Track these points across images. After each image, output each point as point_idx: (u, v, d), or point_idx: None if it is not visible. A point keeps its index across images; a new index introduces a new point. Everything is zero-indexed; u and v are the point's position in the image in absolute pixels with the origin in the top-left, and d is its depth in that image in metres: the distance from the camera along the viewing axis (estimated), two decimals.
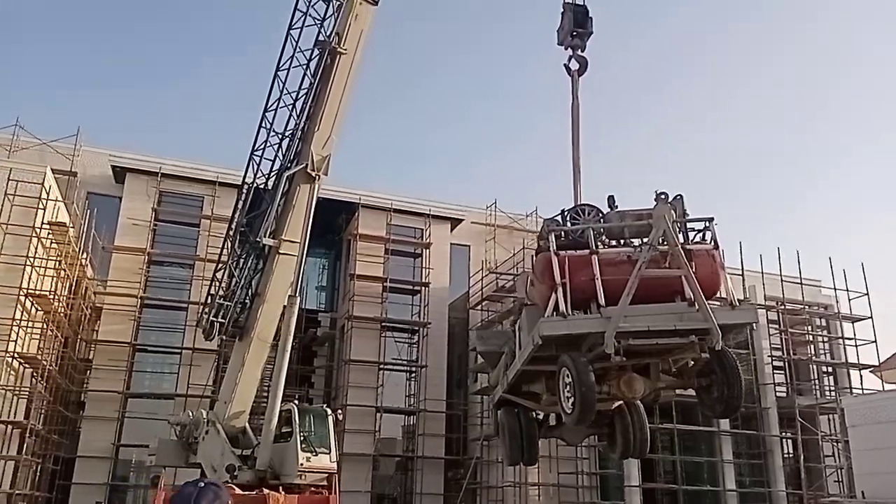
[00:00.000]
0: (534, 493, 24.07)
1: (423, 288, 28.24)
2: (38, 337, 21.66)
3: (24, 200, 20.65)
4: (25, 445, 20.92)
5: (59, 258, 22.65)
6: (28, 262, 20.46)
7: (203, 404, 21.24)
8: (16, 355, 20.03)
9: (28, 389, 21.08)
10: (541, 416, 9.36)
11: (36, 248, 20.98)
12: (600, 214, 8.14)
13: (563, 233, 7.80)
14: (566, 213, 8.20)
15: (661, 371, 7.93)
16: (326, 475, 16.00)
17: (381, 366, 26.85)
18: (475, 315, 29.15)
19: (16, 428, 20.31)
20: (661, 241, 7.07)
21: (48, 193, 21.48)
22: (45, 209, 21.23)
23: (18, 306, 20.16)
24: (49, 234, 21.79)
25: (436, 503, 25.65)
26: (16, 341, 19.98)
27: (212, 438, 16.03)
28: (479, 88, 73.94)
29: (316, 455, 15.70)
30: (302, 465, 15.11)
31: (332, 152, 17.04)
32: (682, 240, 7.43)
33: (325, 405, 20.04)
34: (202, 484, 2.50)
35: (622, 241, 7.98)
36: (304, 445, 15.67)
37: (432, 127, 73.48)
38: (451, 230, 29.95)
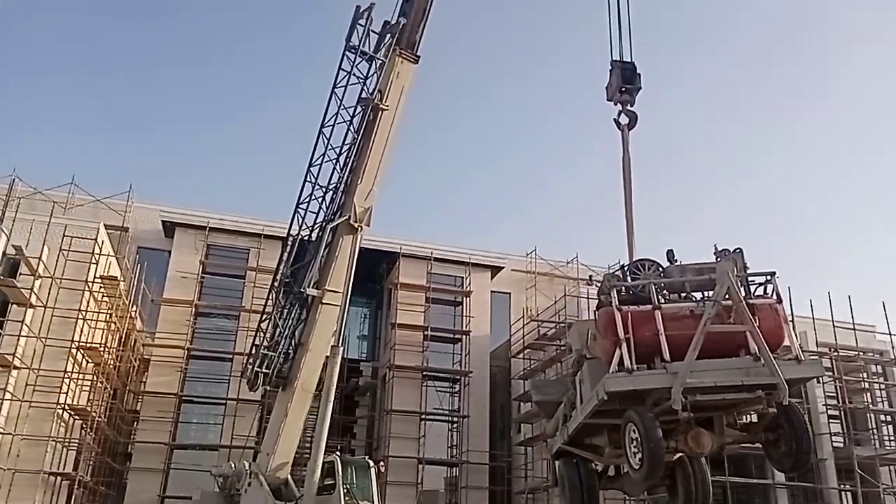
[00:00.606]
0: None
1: (464, 336, 28.17)
2: (87, 389, 22.09)
3: (78, 255, 21.33)
4: (74, 497, 21.14)
5: (109, 311, 23.24)
6: (80, 315, 21.02)
7: (247, 455, 21.29)
8: (66, 407, 20.40)
9: (77, 441, 21.40)
10: (600, 468, 9.26)
11: (88, 302, 21.55)
12: (660, 269, 8.14)
13: (624, 288, 7.81)
14: (626, 269, 8.25)
15: (727, 425, 7.81)
16: None
17: (423, 416, 26.65)
18: (517, 363, 28.88)
19: (65, 479, 20.60)
20: (724, 296, 7.04)
21: (101, 248, 22.17)
22: (97, 264, 21.90)
23: (70, 358, 20.61)
24: (101, 287, 22.41)
25: None
26: (66, 393, 20.37)
27: (254, 491, 15.97)
28: (519, 132, 74.69)
29: None
30: None
31: (374, 204, 17.37)
32: (744, 293, 7.39)
33: (367, 457, 19.92)
34: None
35: (682, 296, 7.95)
36: (347, 498, 15.51)
37: (471, 173, 74.24)
38: (492, 278, 29.98)
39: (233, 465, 17.26)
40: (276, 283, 18.04)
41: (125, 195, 26.45)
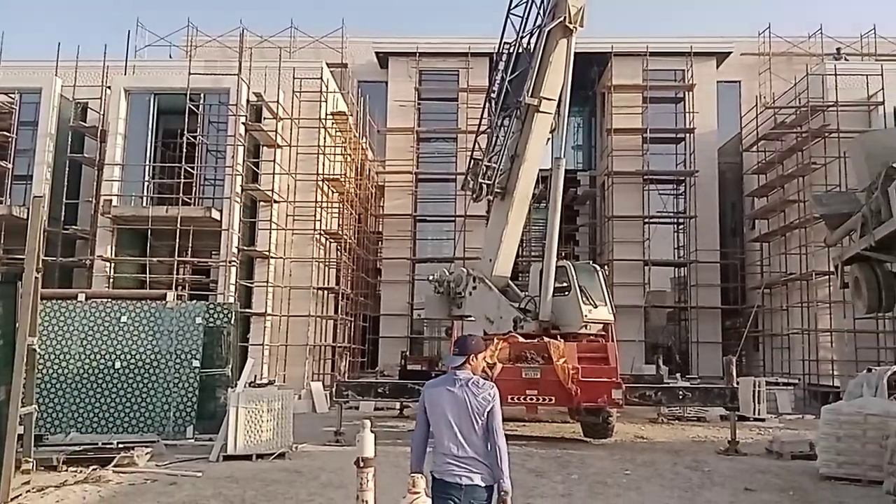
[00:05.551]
0: (825, 340, 22.34)
1: (688, 135, 26.49)
2: (336, 215, 24.79)
3: (308, 96, 23.02)
4: (339, 306, 24.63)
5: (344, 145, 25.24)
6: (320, 151, 23.09)
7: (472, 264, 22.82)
8: (321, 232, 23.20)
9: (335, 260, 24.47)
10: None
11: (324, 138, 23.49)
12: None
13: None
14: None
15: None
16: (604, 325, 16.42)
17: (647, 219, 26.28)
18: (749, 157, 26.81)
19: (330, 292, 23.92)
20: None
21: (327, 86, 23.65)
22: (326, 101, 23.52)
23: (318, 190, 23.06)
24: (332, 123, 24.21)
25: (713, 352, 25.21)
26: (319, 220, 23.06)
27: (482, 293, 16.77)
28: None
29: (596, 307, 16.08)
30: (586, 316, 15.58)
31: (587, 2, 16.22)
32: None
33: (591, 262, 20.26)
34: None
35: None
36: (584, 299, 16.06)
37: None
38: (718, 66, 27.24)
39: (446, 272, 17.87)
40: (491, 95, 18.05)
41: (339, 31, 27.56)
